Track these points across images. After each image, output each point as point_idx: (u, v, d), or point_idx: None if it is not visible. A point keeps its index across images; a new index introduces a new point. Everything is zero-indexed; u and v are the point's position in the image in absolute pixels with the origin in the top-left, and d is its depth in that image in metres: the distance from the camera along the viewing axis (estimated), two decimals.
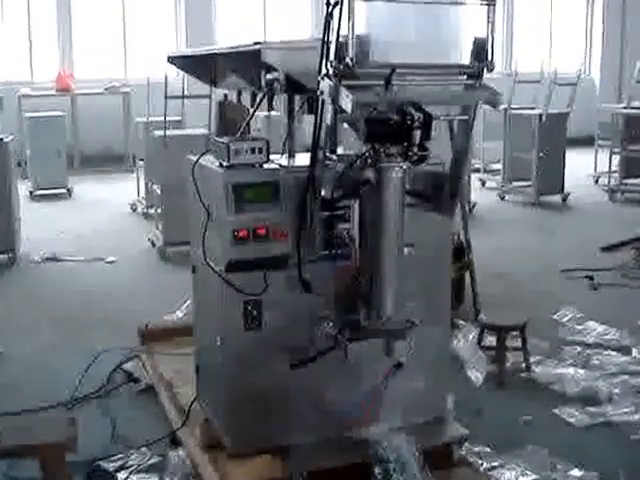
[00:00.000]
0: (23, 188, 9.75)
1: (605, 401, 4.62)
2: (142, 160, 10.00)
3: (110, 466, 3.92)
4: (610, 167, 11.29)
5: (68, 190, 11.20)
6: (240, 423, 3.55)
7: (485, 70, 3.10)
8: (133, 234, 8.89)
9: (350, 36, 2.89)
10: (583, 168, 12.31)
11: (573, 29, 17.29)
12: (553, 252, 8.04)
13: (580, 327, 5.81)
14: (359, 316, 3.33)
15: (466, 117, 3.21)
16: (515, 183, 10.95)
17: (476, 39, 3.10)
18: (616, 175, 11.26)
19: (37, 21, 13.80)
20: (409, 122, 2.88)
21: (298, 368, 3.35)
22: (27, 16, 13.70)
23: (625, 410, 4.50)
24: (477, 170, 11.71)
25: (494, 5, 3.06)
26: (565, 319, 5.98)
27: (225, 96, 6.90)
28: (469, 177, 9.58)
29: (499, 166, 11.30)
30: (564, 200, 10.57)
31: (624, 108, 11.49)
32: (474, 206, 9.73)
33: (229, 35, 14.17)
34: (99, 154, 13.07)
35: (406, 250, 3.32)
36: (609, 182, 11.28)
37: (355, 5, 2.88)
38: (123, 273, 7.44)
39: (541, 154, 10.32)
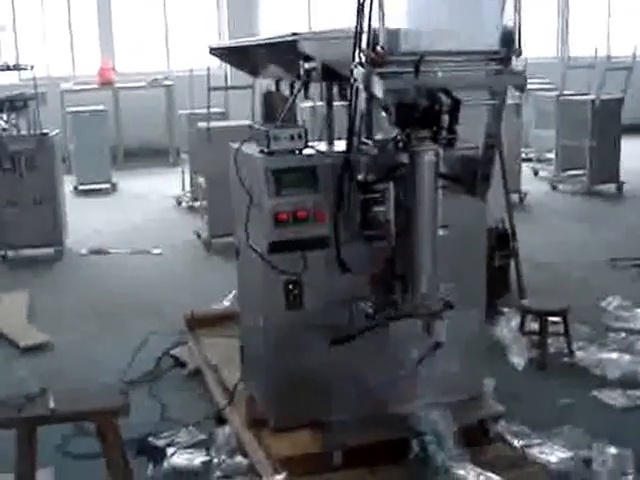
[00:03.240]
0: (67, 183, 9.85)
1: None
2: (186, 153, 10.03)
3: (159, 442, 4.11)
4: None
5: (112, 185, 11.27)
6: (282, 400, 3.71)
7: (513, 56, 3.18)
8: (178, 227, 9.01)
9: (381, 25, 3.01)
10: None
11: (632, 10, 16.95)
12: (603, 242, 8.01)
13: (626, 314, 5.82)
14: (395, 296, 3.45)
15: (495, 102, 3.30)
16: (568, 172, 10.85)
17: (505, 26, 3.19)
18: None
19: (77, 15, 13.91)
20: (437, 107, 3.00)
21: (338, 345, 3.49)
22: (67, 10, 13.84)
23: None
24: (529, 159, 11.64)
25: None
26: (611, 307, 5.98)
27: (273, 87, 7.01)
28: (519, 166, 9.59)
29: (552, 155, 11.21)
30: (619, 190, 10.45)
31: None
32: (525, 196, 9.71)
33: (272, 25, 14.09)
34: (142, 148, 13.12)
35: (441, 231, 3.43)
36: None
37: None
38: (169, 265, 7.59)
39: (594, 142, 10.21)
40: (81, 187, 11.13)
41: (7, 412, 2.97)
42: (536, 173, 11.58)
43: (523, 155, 10.70)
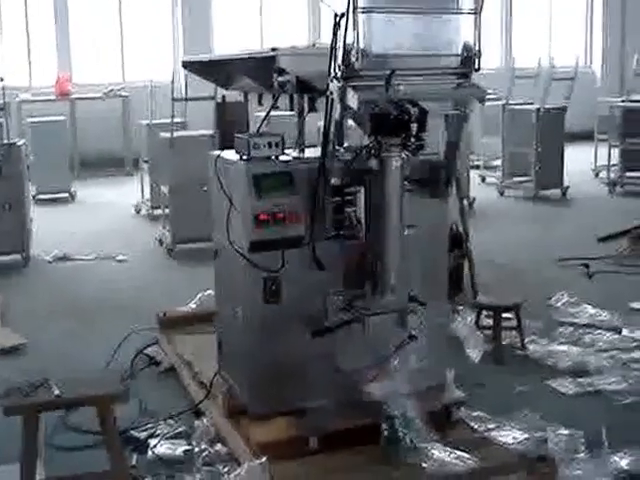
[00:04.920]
0: None
1: (594, 373, 5.03)
2: (146, 162, 10.23)
3: (141, 435, 4.32)
4: (609, 160, 11.62)
5: (71, 194, 11.42)
6: (261, 388, 3.98)
7: (472, 70, 3.51)
8: (140, 234, 9.20)
9: (355, 43, 3.32)
10: (585, 162, 12.57)
11: (574, 22, 17.56)
12: (551, 243, 8.41)
13: (574, 310, 6.19)
14: (366, 290, 3.75)
15: (458, 112, 3.63)
16: (515, 178, 11.26)
17: (465, 43, 3.52)
18: (616, 168, 11.61)
19: (35, 26, 14.05)
20: (407, 117, 3.32)
21: (319, 336, 3.77)
22: (25, 22, 13.96)
23: (612, 380, 4.90)
24: (477, 167, 12.07)
25: (479, 14, 3.47)
26: (559, 303, 6.35)
27: (223, 97, 7.30)
28: (468, 173, 9.98)
29: (499, 162, 11.64)
30: (563, 194, 10.89)
31: (622, 101, 11.85)
32: (474, 201, 10.09)
33: (226, 39, 14.46)
34: (98, 158, 13.23)
35: (408, 231, 3.74)
36: (608, 175, 11.62)
37: (358, 16, 3.31)
38: (134, 270, 7.78)
39: (539, 149, 10.66)
40: (40, 196, 11.24)
41: (14, 399, 3.19)
42: (483, 179, 12.01)
43: (471, 162, 11.14)
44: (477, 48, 3.48)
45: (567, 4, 17.43)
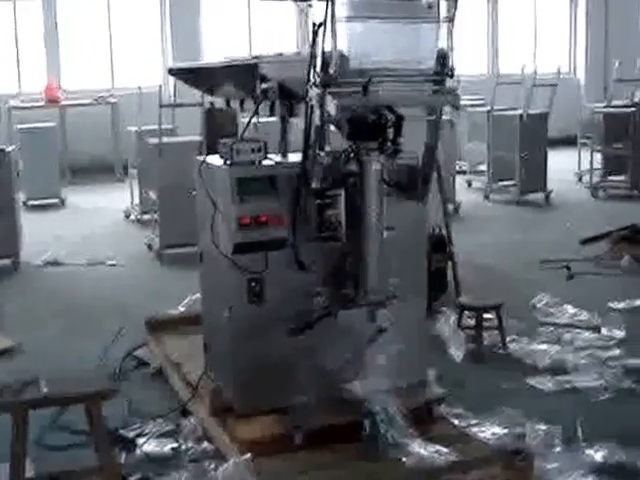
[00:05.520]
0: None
1: (572, 370, 5.16)
2: (134, 168, 10.34)
3: (130, 434, 4.42)
4: (592, 165, 11.78)
5: (61, 200, 11.50)
6: (246, 386, 4.09)
7: (447, 77, 3.64)
8: (129, 239, 9.30)
9: (333, 51, 3.45)
10: (569, 167, 12.73)
11: (558, 31, 17.80)
12: (534, 246, 8.53)
13: (554, 310, 6.32)
14: (347, 290, 3.87)
15: (433, 117, 3.76)
16: (500, 183, 11.41)
17: (439, 50, 3.65)
18: (598, 173, 11.78)
19: (24, 33, 14.13)
20: (383, 122, 3.45)
21: (295, 335, 3.89)
22: (14, 28, 14.04)
23: (589, 377, 5.04)
24: (463, 172, 12.22)
25: (453, 22, 3.60)
26: (541, 304, 6.48)
27: (211, 104, 7.43)
28: (454, 178, 10.12)
29: (484, 167, 11.77)
30: (547, 198, 11.05)
31: (604, 107, 12.03)
32: (459, 205, 10.23)
33: (215, 45, 14.56)
34: (88, 164, 13.32)
35: (387, 233, 3.87)
36: (591, 180, 11.79)
37: (337, 25, 3.44)
38: (123, 275, 7.88)
39: (523, 154, 10.81)
40: (30, 202, 11.30)
41: (4, 397, 3.29)
42: (470, 184, 12.15)
43: (457, 167, 11.29)
44: (450, 55, 3.60)
45: (551, 14, 17.65)
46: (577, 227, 9.16)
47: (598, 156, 11.91)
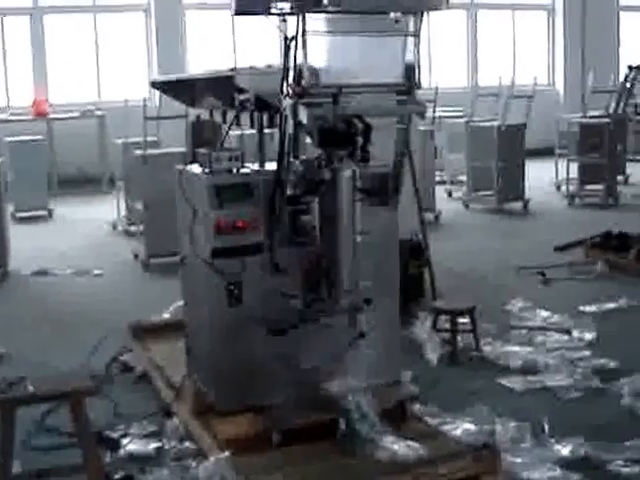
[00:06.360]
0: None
1: (543, 370, 5.33)
2: (121, 180, 10.47)
3: (114, 434, 4.56)
4: (568, 174, 12.02)
5: (49, 211, 11.64)
6: (225, 387, 4.25)
7: (414, 87, 3.83)
8: (116, 249, 9.43)
9: (304, 63, 3.64)
10: (547, 176, 12.98)
11: (537, 43, 18.13)
12: (512, 253, 8.72)
13: (528, 314, 6.50)
14: (322, 292, 4.04)
15: (403, 126, 3.95)
16: (479, 192, 11.62)
17: (407, 63, 3.84)
18: (575, 182, 12.02)
19: (11, 47, 14.31)
20: (352, 130, 3.64)
21: (276, 335, 4.05)
22: (1, 42, 14.22)
23: (558, 377, 5.21)
24: (443, 182, 12.43)
25: (419, 36, 3.79)
26: (515, 308, 6.66)
27: (198, 117, 7.61)
28: (434, 188, 10.32)
29: (464, 177, 11.99)
30: (525, 206, 11.27)
31: (580, 118, 12.28)
32: (440, 214, 10.43)
33: (200, 58, 14.74)
34: (75, 177, 13.47)
35: (359, 237, 4.04)
36: (567, 189, 12.03)
37: (308, 38, 3.63)
38: (110, 284, 8.03)
39: (501, 164, 11.03)
40: (19, 214, 11.43)
41: None
42: (450, 194, 12.34)
43: (438, 178, 11.51)
44: (417, 67, 3.79)
45: (530, 27, 18.00)
46: (554, 234, 9.34)
47: (575, 166, 12.11)
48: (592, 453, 4.20)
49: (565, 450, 4.24)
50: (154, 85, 5.43)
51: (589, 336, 5.93)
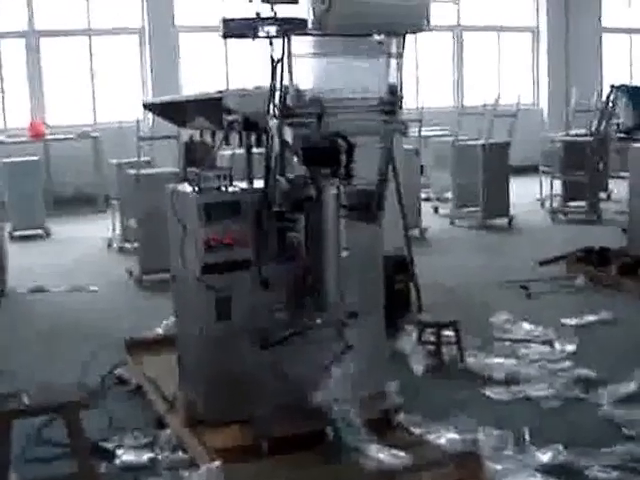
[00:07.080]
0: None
1: (525, 381, 5.48)
2: (116, 199, 10.64)
3: (109, 446, 4.68)
4: (552, 191, 12.22)
5: (46, 230, 11.77)
6: (215, 399, 4.38)
7: (397, 107, 3.99)
8: (111, 266, 9.57)
9: (290, 85, 3.80)
10: (532, 194, 13.15)
11: (521, 63, 18.39)
12: (496, 268, 8.87)
13: (511, 327, 6.64)
14: (308, 307, 4.19)
15: (384, 145, 4.11)
16: (464, 209, 11.81)
17: (390, 83, 4.00)
18: (559, 199, 12.23)
19: (8, 70, 14.50)
20: (336, 149, 3.79)
21: (267, 348, 4.19)
22: None
23: (540, 387, 5.36)
24: (429, 199, 12.62)
25: (401, 57, 3.96)
26: (499, 321, 6.80)
27: (191, 137, 7.77)
28: (419, 205, 10.50)
29: (450, 194, 12.17)
30: (509, 223, 11.45)
31: (564, 136, 12.51)
32: (425, 230, 10.60)
33: (194, 80, 14.88)
34: (71, 196, 13.69)
35: (344, 253, 4.19)
36: (551, 205, 12.23)
37: (293, 60, 3.79)
38: (105, 300, 8.17)
39: (485, 181, 11.22)
40: (16, 233, 11.54)
41: None
42: (436, 210, 12.52)
43: (424, 195, 11.72)
44: (400, 87, 3.95)
45: (515, 47, 18.27)
46: (537, 249, 9.48)
47: (558, 183, 12.32)
48: (571, 459, 4.33)
49: (545, 457, 4.37)
50: (146, 106, 5.58)
51: (570, 347, 6.08)
